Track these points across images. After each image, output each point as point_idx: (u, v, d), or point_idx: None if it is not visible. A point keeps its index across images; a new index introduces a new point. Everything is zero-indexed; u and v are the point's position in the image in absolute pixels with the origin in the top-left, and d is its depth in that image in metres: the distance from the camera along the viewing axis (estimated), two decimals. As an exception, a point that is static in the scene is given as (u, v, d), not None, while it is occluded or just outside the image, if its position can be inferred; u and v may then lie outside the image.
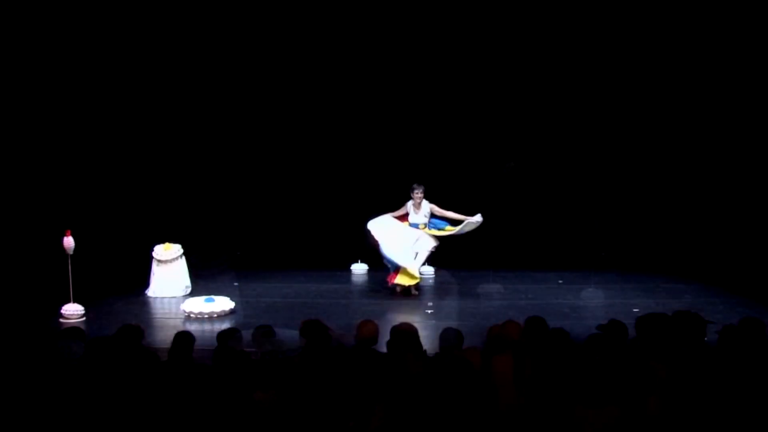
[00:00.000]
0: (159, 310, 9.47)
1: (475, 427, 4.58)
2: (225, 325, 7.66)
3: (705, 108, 11.88)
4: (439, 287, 10.92)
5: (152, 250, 10.17)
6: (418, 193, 10.20)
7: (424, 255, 10.27)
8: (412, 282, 10.07)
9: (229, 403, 4.58)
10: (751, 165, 11.31)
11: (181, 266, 10.17)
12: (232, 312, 9.07)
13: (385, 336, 5.53)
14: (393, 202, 11.87)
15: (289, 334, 5.85)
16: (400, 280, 10.06)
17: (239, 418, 4.49)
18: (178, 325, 8.57)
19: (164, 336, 7.81)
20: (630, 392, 4.66)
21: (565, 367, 4.97)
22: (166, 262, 10.07)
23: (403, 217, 10.38)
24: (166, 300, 9.84)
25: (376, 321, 5.62)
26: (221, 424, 4.51)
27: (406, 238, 10.16)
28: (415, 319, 8.54)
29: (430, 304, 9.78)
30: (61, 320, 8.67)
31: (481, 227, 10.23)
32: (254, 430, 4.42)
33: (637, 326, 5.48)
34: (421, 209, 10.23)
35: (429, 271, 11.25)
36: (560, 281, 10.95)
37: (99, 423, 4.58)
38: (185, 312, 8.97)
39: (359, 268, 11.71)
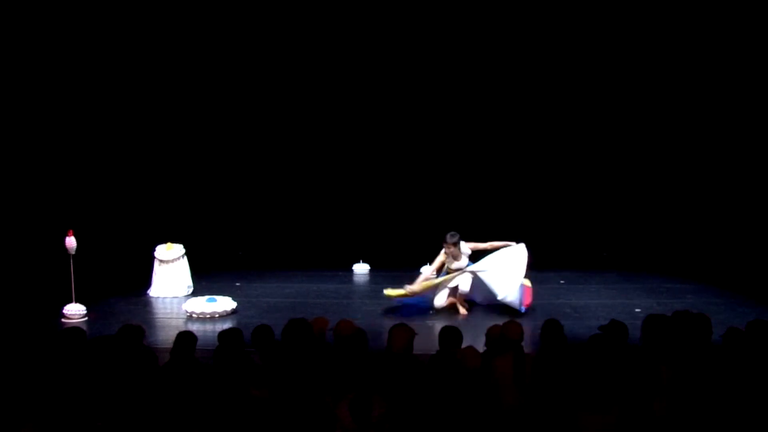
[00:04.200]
0: (161, 310, 9.48)
1: (475, 426, 4.58)
2: (227, 326, 7.66)
3: (707, 108, 11.88)
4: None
5: (154, 250, 10.18)
6: (450, 248, 8.92)
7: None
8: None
9: (230, 401, 4.59)
10: (753, 165, 11.31)
11: (183, 266, 10.18)
12: (233, 312, 9.07)
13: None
14: (394, 202, 11.92)
15: None
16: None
17: (238, 415, 4.50)
18: (180, 325, 8.57)
19: (166, 336, 7.82)
20: (633, 394, 4.66)
21: (568, 367, 4.97)
22: (168, 262, 10.07)
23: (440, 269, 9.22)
24: (168, 300, 9.85)
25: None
26: (221, 422, 4.51)
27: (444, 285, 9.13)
28: (417, 320, 8.55)
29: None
30: (63, 320, 8.68)
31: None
32: (252, 427, 4.43)
33: (644, 327, 5.48)
34: (460, 258, 9.04)
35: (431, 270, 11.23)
36: (562, 281, 10.94)
37: (100, 422, 4.59)
38: (187, 312, 8.97)
39: (361, 268, 11.71)
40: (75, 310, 8.76)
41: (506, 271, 8.77)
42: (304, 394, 4.62)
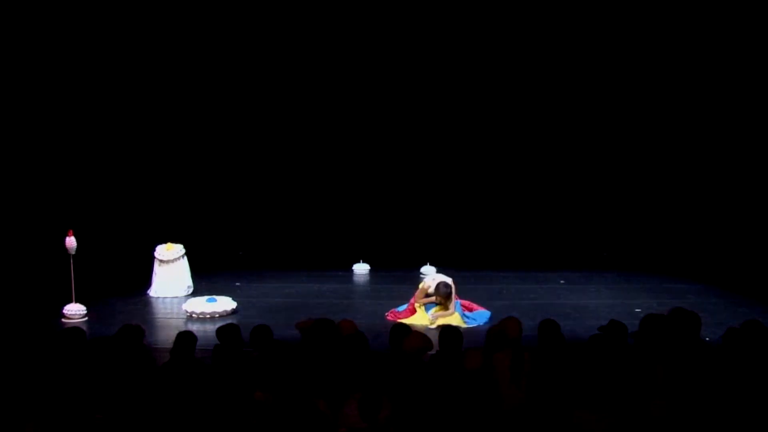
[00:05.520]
0: (161, 310, 9.48)
1: (476, 425, 4.59)
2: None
3: (707, 108, 11.87)
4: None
5: (154, 250, 10.18)
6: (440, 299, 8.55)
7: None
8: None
9: (230, 402, 4.59)
10: (753, 165, 11.31)
11: (183, 266, 10.17)
12: (233, 312, 9.07)
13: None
14: (394, 202, 11.86)
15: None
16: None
17: (240, 416, 4.50)
18: (180, 325, 8.56)
19: (166, 336, 7.81)
20: (631, 393, 4.66)
21: (566, 366, 4.98)
22: (168, 262, 10.07)
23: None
24: (168, 300, 9.85)
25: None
26: (222, 423, 4.51)
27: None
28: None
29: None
30: (63, 320, 8.67)
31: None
32: (254, 429, 4.43)
33: (641, 327, 5.48)
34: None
35: (431, 270, 11.22)
36: (562, 281, 10.94)
37: (99, 421, 4.59)
38: (187, 312, 8.97)
39: (361, 268, 11.70)
40: (75, 310, 8.75)
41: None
42: (304, 394, 4.62)
